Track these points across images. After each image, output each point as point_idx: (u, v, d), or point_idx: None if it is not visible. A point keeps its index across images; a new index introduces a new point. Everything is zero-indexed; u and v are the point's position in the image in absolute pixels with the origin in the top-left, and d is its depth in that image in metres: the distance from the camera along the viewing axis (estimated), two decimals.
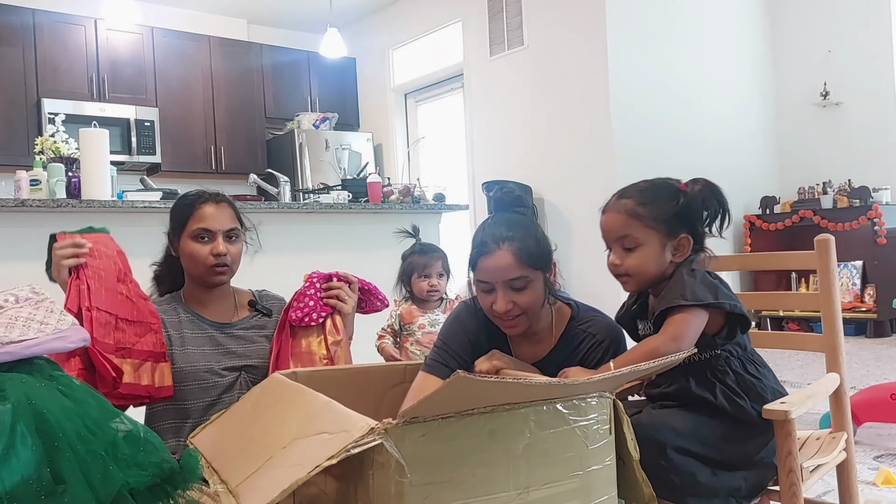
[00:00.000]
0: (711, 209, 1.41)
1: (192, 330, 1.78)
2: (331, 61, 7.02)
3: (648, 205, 1.39)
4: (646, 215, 1.39)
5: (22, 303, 1.14)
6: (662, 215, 1.39)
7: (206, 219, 1.75)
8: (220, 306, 1.84)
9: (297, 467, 0.97)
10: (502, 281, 1.43)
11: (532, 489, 1.05)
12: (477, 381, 0.90)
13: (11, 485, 0.87)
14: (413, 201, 4.26)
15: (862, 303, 5.29)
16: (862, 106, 5.83)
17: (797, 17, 6.24)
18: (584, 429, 1.11)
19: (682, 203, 1.39)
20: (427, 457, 0.96)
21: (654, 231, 1.38)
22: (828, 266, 1.58)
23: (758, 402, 1.38)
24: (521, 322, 1.48)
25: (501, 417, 1.03)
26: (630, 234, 1.39)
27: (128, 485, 0.95)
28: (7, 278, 3.04)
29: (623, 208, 1.40)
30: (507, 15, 5.89)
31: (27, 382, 0.99)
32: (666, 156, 5.51)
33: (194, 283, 1.82)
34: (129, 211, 3.33)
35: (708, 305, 1.35)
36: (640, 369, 1.14)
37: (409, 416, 0.94)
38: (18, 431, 0.91)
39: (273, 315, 1.88)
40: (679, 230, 1.39)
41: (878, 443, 2.71)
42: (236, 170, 6.61)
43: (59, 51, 5.92)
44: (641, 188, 1.43)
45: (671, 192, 1.41)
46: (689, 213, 1.39)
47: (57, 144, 3.67)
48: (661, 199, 1.40)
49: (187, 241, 1.75)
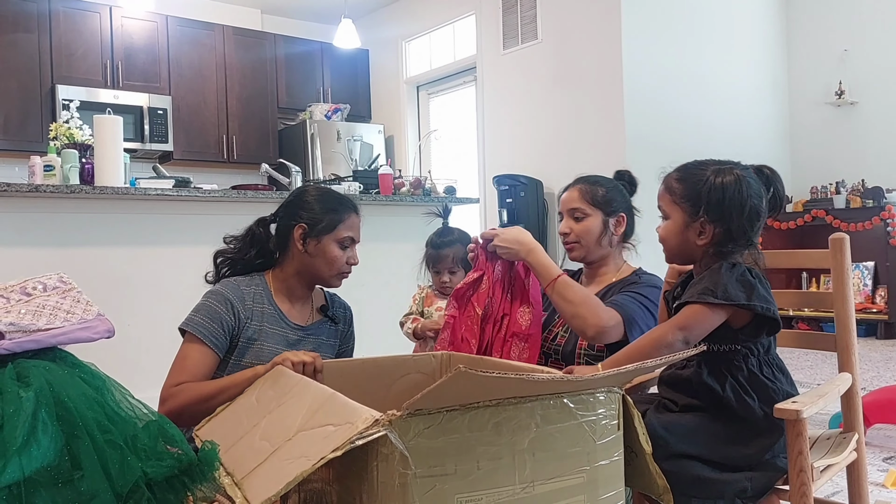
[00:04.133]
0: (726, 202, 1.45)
1: (272, 325, 1.76)
2: (344, 52, 7.02)
3: (681, 181, 1.49)
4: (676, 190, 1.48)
5: (50, 291, 1.15)
6: (687, 195, 1.46)
7: (354, 228, 1.84)
8: (303, 307, 1.85)
9: (302, 459, 0.97)
10: (566, 210, 1.89)
11: (537, 483, 1.05)
12: (478, 376, 0.90)
13: (31, 471, 0.88)
14: (424, 194, 4.26)
15: (873, 304, 5.26)
16: (877, 106, 5.77)
17: (813, 14, 6.18)
18: (592, 424, 1.11)
19: (705, 186, 1.43)
20: (431, 449, 0.96)
21: (679, 207, 1.46)
22: (842, 265, 1.56)
23: (767, 404, 1.37)
24: (577, 249, 1.87)
25: (507, 411, 1.02)
26: (662, 205, 1.51)
27: (146, 476, 0.95)
28: (20, 263, 3.07)
29: (666, 182, 1.52)
30: (522, 8, 5.87)
31: (50, 370, 1.00)
32: (679, 152, 5.46)
33: (302, 281, 1.81)
34: (141, 198, 3.35)
35: (739, 306, 1.35)
36: (645, 366, 1.13)
37: (414, 408, 0.94)
38: (40, 419, 0.92)
39: (339, 324, 1.90)
40: (698, 213, 1.44)
41: (888, 444, 2.69)
42: (248, 159, 6.62)
43: (73, 37, 5.94)
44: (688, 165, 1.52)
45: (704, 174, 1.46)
46: (710, 198, 1.43)
47: (71, 131, 3.69)
48: (692, 178, 1.47)
49: (331, 244, 1.78)
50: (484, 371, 0.90)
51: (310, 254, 1.77)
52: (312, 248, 1.77)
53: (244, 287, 1.77)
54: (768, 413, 1.35)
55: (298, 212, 1.79)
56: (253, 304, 1.75)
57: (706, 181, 1.43)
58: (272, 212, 1.88)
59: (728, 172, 1.44)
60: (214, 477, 1.04)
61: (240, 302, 1.73)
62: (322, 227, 1.77)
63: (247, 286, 1.77)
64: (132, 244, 3.36)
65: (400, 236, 4.04)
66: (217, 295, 1.74)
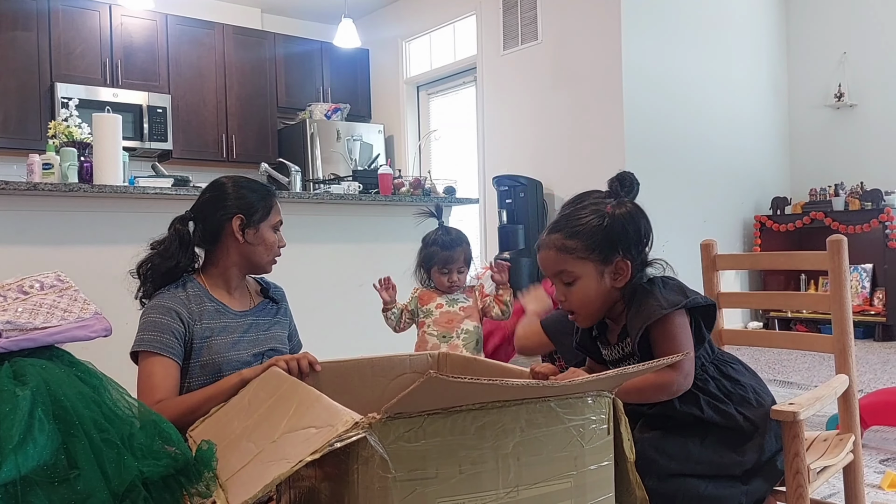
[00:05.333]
0: (632, 234, 1.35)
1: (219, 319, 1.76)
2: (344, 52, 7.02)
3: (576, 236, 1.35)
4: (576, 247, 1.34)
5: (47, 290, 1.15)
6: (592, 243, 1.34)
7: (280, 212, 1.87)
8: (242, 295, 1.86)
9: (283, 462, 0.96)
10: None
11: (522, 488, 1.03)
12: (449, 381, 0.89)
13: (27, 469, 0.88)
14: (423, 194, 4.26)
15: (871, 306, 5.26)
16: (876, 108, 5.78)
17: (813, 17, 6.19)
18: (580, 428, 1.09)
19: (608, 225, 1.33)
20: (412, 452, 0.95)
21: (588, 261, 1.34)
22: (840, 267, 1.57)
23: (741, 405, 1.36)
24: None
25: (491, 414, 1.00)
26: (565, 269, 1.35)
27: (142, 474, 0.95)
28: (18, 261, 3.06)
29: (554, 244, 1.36)
30: (522, 9, 5.87)
31: (47, 368, 1.00)
32: (678, 153, 5.49)
33: (240, 271, 1.82)
34: (140, 197, 3.34)
35: (685, 306, 1.32)
36: (632, 371, 1.09)
37: (394, 412, 0.93)
38: (37, 417, 0.91)
39: (280, 303, 1.93)
40: (612, 255, 1.34)
41: (885, 446, 2.70)
42: (247, 158, 6.62)
43: (73, 35, 5.94)
44: (568, 216, 1.38)
45: (598, 215, 1.35)
46: (619, 235, 1.34)
47: (70, 129, 3.68)
48: (587, 226, 1.34)
49: (268, 230, 1.82)
50: (454, 377, 0.89)
51: (249, 243, 1.80)
52: (252, 237, 1.80)
53: (180, 293, 1.75)
54: (747, 415, 1.35)
55: (226, 204, 1.79)
56: (195, 306, 1.74)
57: (604, 222, 1.34)
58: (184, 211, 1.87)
59: (612, 205, 1.36)
60: (210, 477, 1.03)
61: (182, 307, 1.71)
62: (259, 215, 1.81)
63: (182, 291, 1.75)
64: (131, 243, 3.32)
65: (399, 236, 4.03)
66: (157, 308, 1.71)
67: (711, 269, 1.89)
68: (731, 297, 2.00)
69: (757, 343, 1.99)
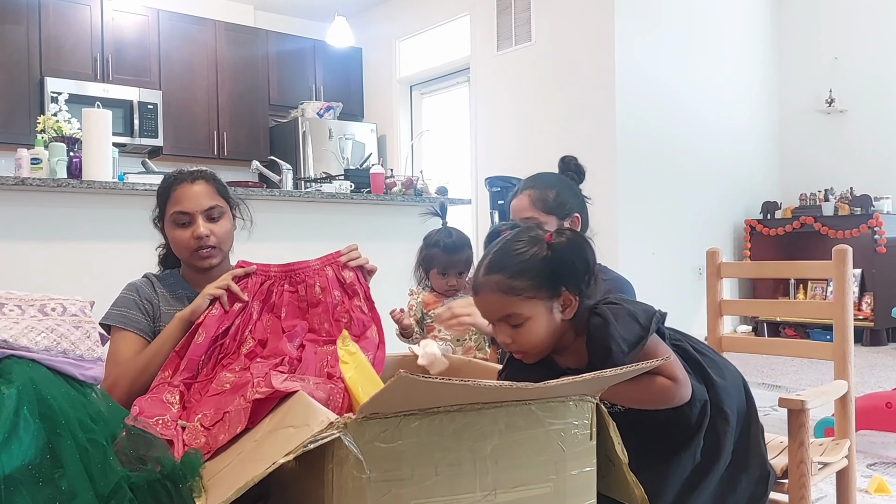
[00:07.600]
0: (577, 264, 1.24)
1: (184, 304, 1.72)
2: (337, 50, 7.00)
3: (522, 275, 1.22)
4: (523, 287, 1.22)
5: (66, 317, 1.15)
6: (539, 280, 1.22)
7: (182, 201, 1.68)
8: None
9: (260, 463, 0.96)
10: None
11: (500, 491, 1.01)
12: (419, 381, 0.87)
13: (11, 468, 0.87)
14: (416, 194, 4.26)
15: (859, 311, 5.29)
16: (867, 114, 5.82)
17: (804, 22, 6.22)
18: (562, 432, 1.07)
19: (552, 257, 1.23)
20: (387, 453, 0.94)
21: (537, 299, 1.22)
22: (844, 275, 1.63)
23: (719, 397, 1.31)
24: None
25: (468, 416, 0.99)
26: (513, 311, 1.23)
27: (128, 478, 0.94)
28: (5, 257, 3.04)
29: (497, 286, 1.23)
30: (516, 10, 5.87)
31: (33, 368, 0.99)
32: (669, 156, 5.51)
33: (188, 267, 1.79)
34: (129, 193, 3.32)
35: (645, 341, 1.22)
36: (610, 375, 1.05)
37: (369, 412, 0.92)
38: (22, 416, 0.90)
39: None
40: (558, 287, 1.23)
41: (872, 451, 2.71)
42: (238, 156, 6.59)
43: (63, 30, 5.90)
44: (504, 252, 1.26)
45: (538, 246, 1.24)
46: (564, 266, 1.23)
47: (59, 124, 3.65)
48: (531, 261, 1.23)
49: (171, 227, 1.71)
50: (425, 376, 0.88)
51: (170, 243, 1.76)
52: (168, 237, 1.75)
53: (160, 278, 1.78)
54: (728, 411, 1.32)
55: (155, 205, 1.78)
56: (166, 291, 1.73)
57: (545, 256, 1.23)
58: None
59: (560, 234, 1.25)
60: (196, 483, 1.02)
61: (148, 287, 1.72)
62: (159, 214, 1.76)
63: (161, 276, 1.78)
64: (119, 240, 3.33)
65: (391, 236, 4.03)
66: (128, 287, 1.74)
67: (716, 276, 1.91)
68: (734, 304, 2.03)
69: (758, 350, 2.02)
